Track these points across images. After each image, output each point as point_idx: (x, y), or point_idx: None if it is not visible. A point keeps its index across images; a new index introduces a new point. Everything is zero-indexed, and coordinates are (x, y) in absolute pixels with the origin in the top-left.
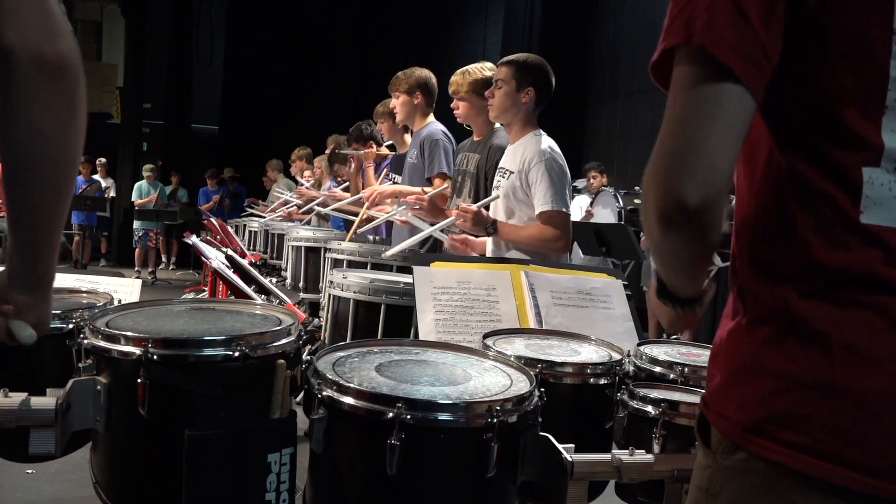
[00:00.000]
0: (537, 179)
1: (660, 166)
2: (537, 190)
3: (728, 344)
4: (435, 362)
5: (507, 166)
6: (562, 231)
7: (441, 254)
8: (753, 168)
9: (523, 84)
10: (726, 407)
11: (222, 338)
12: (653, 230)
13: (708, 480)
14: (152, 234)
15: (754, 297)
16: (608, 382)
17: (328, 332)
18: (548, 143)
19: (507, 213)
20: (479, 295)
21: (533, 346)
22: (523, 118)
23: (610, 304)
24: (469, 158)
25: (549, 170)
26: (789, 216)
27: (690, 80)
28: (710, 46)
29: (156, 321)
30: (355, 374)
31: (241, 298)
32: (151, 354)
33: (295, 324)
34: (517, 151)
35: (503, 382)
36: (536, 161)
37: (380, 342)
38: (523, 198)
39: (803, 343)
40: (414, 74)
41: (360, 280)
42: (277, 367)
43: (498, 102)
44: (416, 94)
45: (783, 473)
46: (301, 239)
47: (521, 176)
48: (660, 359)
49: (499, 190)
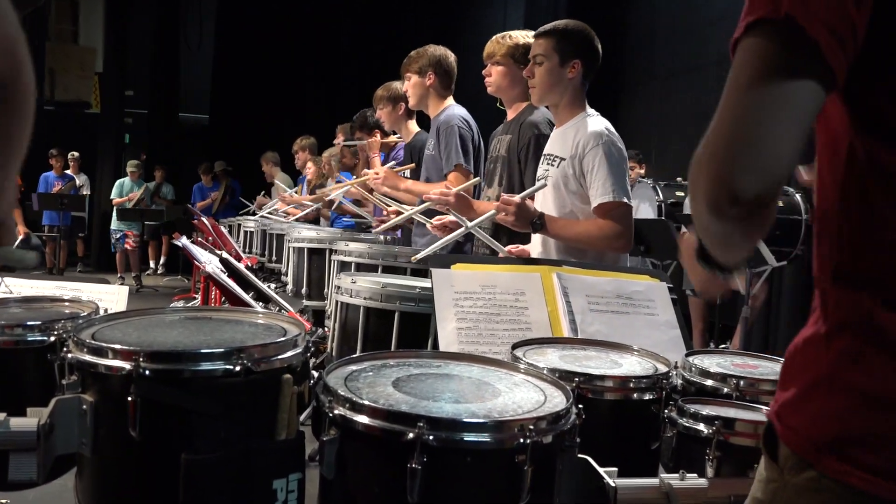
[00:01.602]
0: (594, 166)
1: (715, 154)
2: (594, 178)
3: (804, 352)
4: (459, 376)
5: (556, 152)
6: (624, 226)
7: (463, 254)
8: (836, 161)
9: (567, 56)
10: (798, 421)
11: (221, 350)
12: (702, 216)
13: (771, 495)
14: (131, 235)
15: (835, 303)
16: (654, 398)
17: (335, 343)
18: (603, 123)
19: (557, 208)
20: (507, 300)
21: (568, 358)
22: (571, 97)
23: (653, 309)
24: (501, 142)
25: (607, 155)
26: (877, 215)
27: (766, 58)
28: (800, 18)
29: (147, 332)
30: (370, 390)
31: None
32: (143, 369)
33: (302, 334)
34: (567, 135)
35: (536, 398)
36: (592, 145)
37: (397, 354)
38: (576, 188)
39: (886, 358)
40: (427, 52)
41: (371, 285)
42: (283, 382)
43: (540, 81)
44: (429, 74)
45: (856, 497)
46: (303, 240)
47: (573, 163)
48: (711, 371)
49: (547, 180)
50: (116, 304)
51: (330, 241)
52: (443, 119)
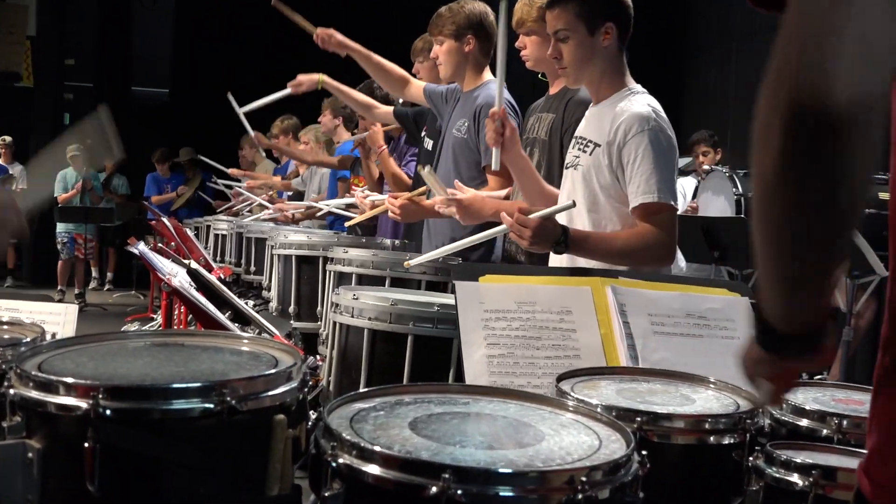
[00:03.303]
0: (636, 157)
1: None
2: (635, 173)
3: (880, 390)
4: (491, 416)
5: (590, 136)
6: (668, 234)
7: (493, 263)
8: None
9: (596, 22)
10: (883, 474)
11: (199, 385)
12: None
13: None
14: (81, 240)
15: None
16: (735, 442)
17: (333, 375)
18: (650, 103)
19: (587, 204)
20: (549, 321)
21: (628, 393)
22: (610, 68)
23: (733, 331)
24: (540, 121)
25: (653, 144)
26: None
27: None
28: None
29: (106, 363)
30: (382, 434)
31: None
32: (102, 409)
33: (298, 364)
34: (604, 115)
35: (588, 443)
36: (636, 130)
37: (413, 388)
38: (610, 182)
39: None
40: (464, 10)
41: (378, 302)
42: (275, 424)
43: (571, 60)
44: (468, 38)
45: None
46: (291, 245)
47: (610, 150)
48: (807, 408)
49: (577, 169)
50: (64, 328)
51: (324, 247)
52: (483, 100)
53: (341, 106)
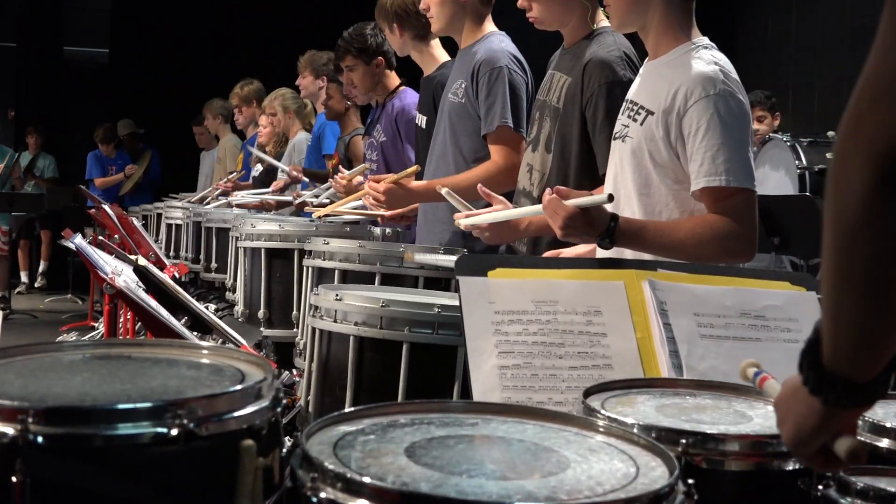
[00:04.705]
0: (699, 129)
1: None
2: (698, 148)
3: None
4: (505, 439)
5: (641, 100)
6: (745, 225)
7: (506, 255)
8: None
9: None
10: None
11: (149, 405)
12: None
13: None
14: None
15: None
16: (801, 467)
17: (313, 392)
18: (717, 61)
19: (637, 186)
20: (574, 323)
21: (670, 409)
22: (668, 14)
23: (797, 332)
24: (556, 84)
25: (721, 112)
26: None
27: None
28: None
29: (37, 380)
30: (373, 462)
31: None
32: (33, 435)
33: (268, 380)
34: (661, 76)
35: (623, 471)
36: (699, 95)
37: (410, 407)
38: (667, 159)
39: None
40: None
41: (366, 303)
42: (242, 451)
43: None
44: None
45: None
46: (259, 236)
47: (667, 120)
48: (888, 425)
49: (625, 141)
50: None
51: (300, 238)
52: (484, 55)
53: (322, 63)
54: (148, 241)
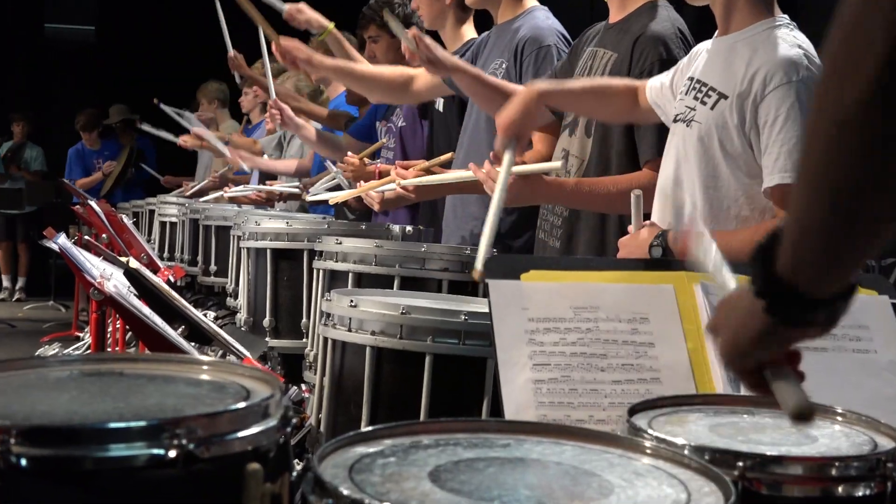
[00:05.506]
0: (778, 118)
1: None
2: (774, 140)
3: None
4: (541, 462)
5: (712, 81)
6: None
7: (541, 257)
8: None
9: None
10: None
11: (143, 424)
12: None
13: None
14: None
15: None
16: (874, 493)
17: (325, 410)
18: (800, 43)
19: (703, 178)
20: (617, 331)
21: (725, 429)
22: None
23: (868, 342)
24: (595, 60)
25: (803, 102)
26: None
27: None
28: None
29: (19, 397)
30: (393, 488)
31: (165, 352)
32: (16, 457)
33: (276, 396)
34: (737, 55)
35: (673, 497)
36: (780, 80)
37: (434, 426)
38: (739, 150)
39: None
40: None
41: (384, 310)
42: (248, 476)
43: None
44: None
45: None
46: (264, 235)
47: (742, 105)
48: None
49: (691, 126)
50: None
51: (310, 237)
52: (529, 32)
53: None
54: (139, 241)
